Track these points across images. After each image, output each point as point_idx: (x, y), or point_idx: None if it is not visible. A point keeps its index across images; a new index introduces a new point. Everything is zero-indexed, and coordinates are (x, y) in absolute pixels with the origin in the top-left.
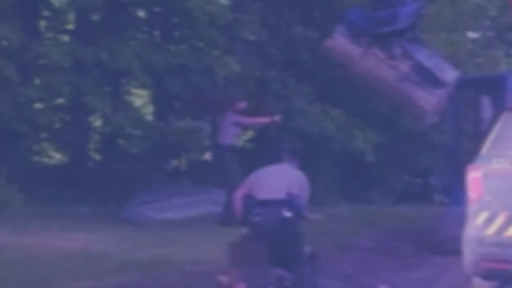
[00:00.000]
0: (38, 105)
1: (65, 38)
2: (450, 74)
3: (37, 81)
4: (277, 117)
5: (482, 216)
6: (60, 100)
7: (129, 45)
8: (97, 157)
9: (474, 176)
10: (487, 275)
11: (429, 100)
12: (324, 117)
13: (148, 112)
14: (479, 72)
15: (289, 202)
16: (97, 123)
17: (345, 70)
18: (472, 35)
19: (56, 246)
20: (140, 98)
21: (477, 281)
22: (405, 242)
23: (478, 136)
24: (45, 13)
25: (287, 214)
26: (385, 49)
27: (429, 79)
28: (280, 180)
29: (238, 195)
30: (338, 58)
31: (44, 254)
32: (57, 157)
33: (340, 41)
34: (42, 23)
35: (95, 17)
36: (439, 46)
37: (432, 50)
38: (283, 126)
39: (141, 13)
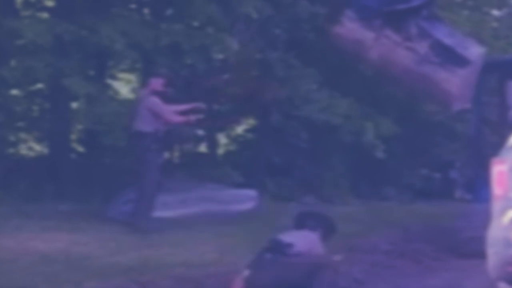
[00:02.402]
0: (14, 91)
1: (44, 15)
2: (474, 51)
3: (13, 63)
4: (193, 118)
5: (509, 215)
6: (39, 85)
7: (116, 24)
8: (80, 148)
9: (499, 170)
10: None
11: (452, 81)
12: (332, 104)
13: None
14: (505, 54)
15: (272, 247)
16: (80, 110)
17: (358, 58)
18: (497, 13)
19: (34, 248)
20: (128, 83)
21: (503, 286)
22: (423, 244)
23: (504, 125)
24: None
25: (267, 255)
26: (399, 30)
27: (451, 58)
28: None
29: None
30: (349, 46)
31: (21, 256)
32: (35, 148)
33: (350, 27)
34: None
35: None
36: (460, 25)
37: (453, 28)
38: (287, 113)
39: None
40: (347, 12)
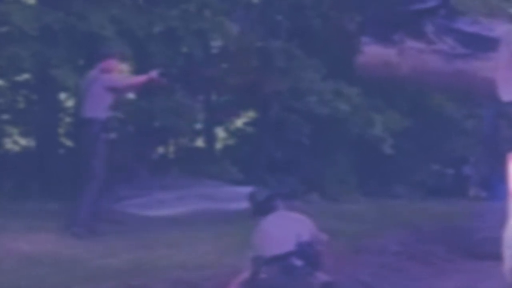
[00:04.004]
0: None
1: (31, 0)
2: (501, 30)
3: None
4: (154, 73)
5: None
6: (25, 75)
7: (106, 9)
8: (68, 143)
9: None
10: None
11: (488, 67)
12: (338, 97)
13: None
14: None
15: (299, 251)
16: (69, 102)
17: (392, 81)
18: None
19: (19, 249)
20: (119, 73)
21: None
22: (435, 245)
23: None
24: None
25: (297, 262)
26: (420, 36)
27: (479, 44)
28: (285, 230)
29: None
30: (378, 71)
31: (4, 258)
32: (21, 143)
33: (371, 52)
34: None
35: None
36: (475, 11)
37: (474, 16)
38: (289, 106)
39: None
40: (363, 39)
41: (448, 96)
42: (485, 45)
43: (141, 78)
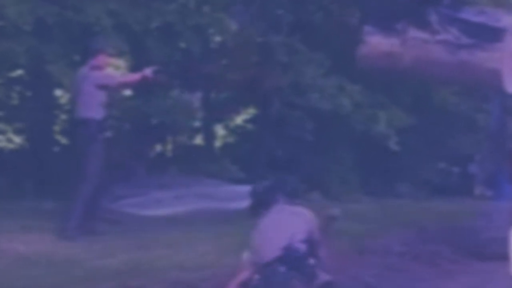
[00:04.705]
0: None
1: None
2: (507, 20)
3: None
4: (149, 71)
5: None
6: (19, 71)
7: (102, 3)
8: (64, 140)
9: None
10: None
11: (494, 57)
12: (340, 92)
13: None
14: None
15: (285, 256)
16: (64, 99)
17: (395, 72)
18: None
19: (13, 250)
20: (116, 69)
21: None
22: (440, 245)
23: None
24: None
25: (281, 268)
26: (424, 26)
27: (485, 34)
28: (280, 232)
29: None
30: (380, 62)
31: None
32: (15, 140)
33: (374, 42)
34: None
35: None
36: (479, 2)
37: (479, 7)
38: (291, 102)
39: None
40: (366, 28)
41: (453, 89)
42: (490, 35)
43: (135, 77)
